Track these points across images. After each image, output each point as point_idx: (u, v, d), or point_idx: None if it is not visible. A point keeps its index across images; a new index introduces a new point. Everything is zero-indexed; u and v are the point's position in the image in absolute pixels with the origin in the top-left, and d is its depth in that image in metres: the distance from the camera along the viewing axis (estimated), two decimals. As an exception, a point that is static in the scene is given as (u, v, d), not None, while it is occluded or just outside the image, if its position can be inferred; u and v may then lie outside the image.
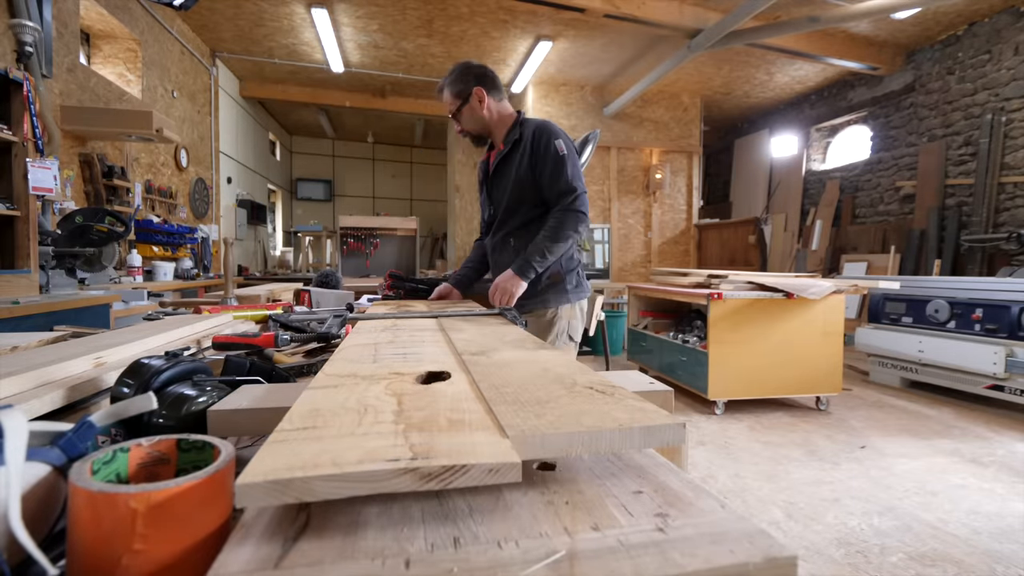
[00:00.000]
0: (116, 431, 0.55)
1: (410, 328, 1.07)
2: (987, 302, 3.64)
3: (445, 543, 0.34)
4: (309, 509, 0.37)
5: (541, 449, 0.42)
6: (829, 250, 7.13)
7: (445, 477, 0.35)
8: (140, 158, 4.78)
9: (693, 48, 5.45)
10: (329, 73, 6.88)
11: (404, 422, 0.44)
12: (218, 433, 0.56)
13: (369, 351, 0.79)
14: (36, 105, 2.96)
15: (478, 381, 0.60)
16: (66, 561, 0.34)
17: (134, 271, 3.99)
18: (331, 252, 8.75)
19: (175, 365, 0.62)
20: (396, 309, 1.42)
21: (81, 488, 0.32)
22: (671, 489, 0.42)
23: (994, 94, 5.45)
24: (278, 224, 10.28)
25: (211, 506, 0.35)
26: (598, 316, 3.65)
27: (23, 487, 0.36)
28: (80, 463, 0.36)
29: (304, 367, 0.89)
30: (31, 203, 2.83)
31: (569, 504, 0.39)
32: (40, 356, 0.81)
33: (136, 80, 4.79)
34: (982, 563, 1.81)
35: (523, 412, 0.48)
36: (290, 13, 5.42)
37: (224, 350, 0.97)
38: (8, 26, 3.15)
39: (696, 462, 2.69)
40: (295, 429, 0.43)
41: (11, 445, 0.35)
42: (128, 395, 0.58)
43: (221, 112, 6.66)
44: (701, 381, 3.54)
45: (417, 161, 11.63)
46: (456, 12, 5.36)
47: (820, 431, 3.17)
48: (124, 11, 4.51)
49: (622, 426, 0.43)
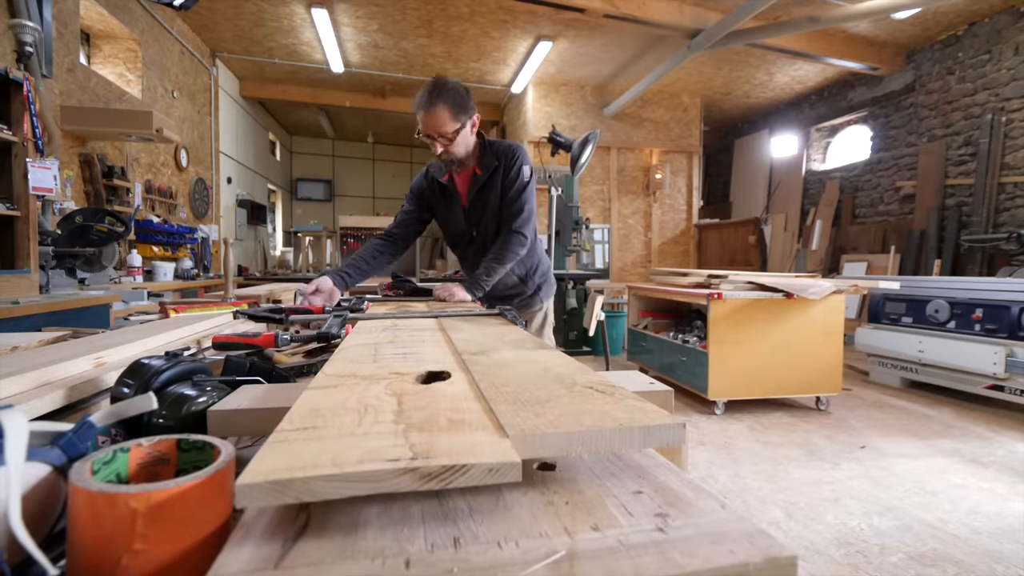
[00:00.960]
0: (116, 431, 0.55)
1: (410, 328, 1.07)
2: (987, 302, 3.64)
3: (445, 543, 0.34)
4: (309, 509, 0.37)
5: (541, 449, 0.42)
6: (829, 250, 7.13)
7: (445, 477, 0.35)
8: (140, 158, 4.79)
9: (693, 48, 5.45)
10: (329, 73, 6.89)
11: (404, 422, 0.44)
12: (218, 433, 0.56)
13: (369, 351, 0.79)
14: (36, 105, 2.96)
15: (478, 381, 0.60)
16: (66, 561, 0.34)
17: (134, 271, 3.99)
18: (331, 252, 8.74)
19: (175, 365, 0.62)
20: (396, 309, 1.42)
21: (81, 488, 0.32)
22: (671, 489, 0.42)
23: (994, 94, 5.45)
24: (278, 224, 10.28)
25: (211, 506, 0.35)
26: (598, 316, 3.65)
27: (23, 487, 0.36)
28: (80, 463, 0.36)
29: (304, 367, 0.89)
30: (31, 203, 2.83)
31: (569, 504, 0.39)
32: (40, 356, 0.81)
33: (136, 80, 4.79)
34: (982, 563, 1.81)
35: (523, 412, 0.47)
36: (290, 13, 5.42)
37: (224, 350, 0.97)
38: (8, 26, 3.15)
39: (696, 462, 2.69)
40: (295, 429, 0.43)
41: (11, 445, 0.35)
42: (128, 395, 0.58)
43: (221, 112, 6.66)
44: (701, 381, 3.53)
45: (417, 161, 11.64)
46: (456, 12, 5.36)
47: (820, 431, 3.17)
48: (124, 11, 4.51)
49: (622, 426, 0.43)
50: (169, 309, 1.62)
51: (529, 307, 2.01)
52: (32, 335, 1.15)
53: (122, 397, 0.58)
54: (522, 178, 1.80)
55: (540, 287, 2.01)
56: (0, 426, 0.36)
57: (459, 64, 6.70)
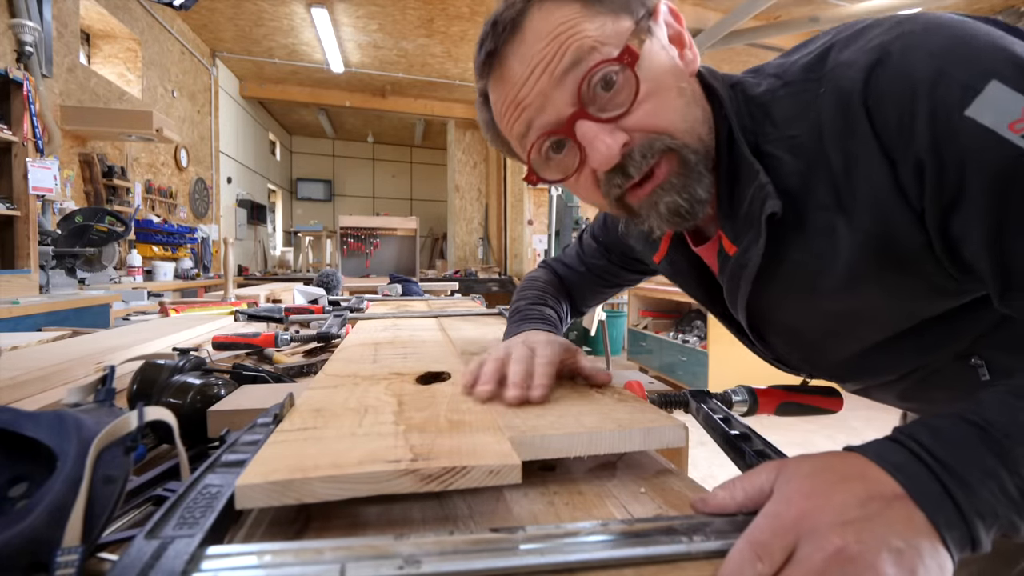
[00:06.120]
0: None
1: (410, 328, 1.07)
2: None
3: (445, 544, 0.34)
4: (309, 510, 0.37)
5: (542, 450, 0.42)
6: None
7: (446, 478, 0.35)
8: (140, 158, 4.78)
9: (693, 48, 5.45)
10: (329, 73, 6.88)
11: (404, 423, 0.44)
12: (218, 433, 0.56)
13: (369, 351, 0.79)
14: (36, 105, 2.96)
15: (478, 381, 0.60)
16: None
17: (134, 271, 3.99)
18: (331, 252, 8.74)
19: (188, 364, 0.62)
20: (396, 309, 1.42)
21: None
22: (671, 489, 0.42)
23: (994, 94, 5.44)
24: (278, 224, 10.27)
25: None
26: (598, 316, 3.65)
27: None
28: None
29: (304, 367, 0.89)
30: (31, 203, 2.83)
31: (569, 505, 0.39)
32: (41, 356, 0.81)
33: (136, 80, 4.79)
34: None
35: (523, 412, 0.47)
36: (290, 13, 5.42)
37: (224, 350, 0.97)
38: (8, 26, 3.15)
39: (696, 462, 2.69)
40: (295, 430, 0.43)
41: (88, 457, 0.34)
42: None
43: (221, 112, 6.66)
44: (701, 381, 3.53)
45: (417, 161, 11.62)
46: (456, 12, 5.35)
47: (820, 431, 3.16)
48: (124, 11, 4.50)
49: (622, 426, 0.43)
50: (169, 309, 1.62)
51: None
52: (32, 335, 1.15)
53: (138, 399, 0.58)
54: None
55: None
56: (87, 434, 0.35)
57: (459, 64, 6.70)
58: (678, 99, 0.48)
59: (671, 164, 0.48)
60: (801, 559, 0.28)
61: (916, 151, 0.39)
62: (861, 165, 0.42)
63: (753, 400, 0.63)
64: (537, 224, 6.59)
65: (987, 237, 0.38)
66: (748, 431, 0.50)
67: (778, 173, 0.47)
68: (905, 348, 0.54)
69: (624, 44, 0.45)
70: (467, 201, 8.22)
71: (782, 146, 0.47)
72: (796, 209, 0.47)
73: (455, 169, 8.25)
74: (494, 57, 0.49)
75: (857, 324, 0.54)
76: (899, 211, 0.42)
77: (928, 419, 0.35)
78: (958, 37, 0.39)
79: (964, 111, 0.36)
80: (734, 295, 0.56)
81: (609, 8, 0.47)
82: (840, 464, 0.34)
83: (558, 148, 0.50)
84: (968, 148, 0.37)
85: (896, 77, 0.39)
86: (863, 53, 0.41)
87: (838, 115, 0.42)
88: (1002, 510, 0.31)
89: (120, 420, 0.35)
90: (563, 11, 0.46)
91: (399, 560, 0.28)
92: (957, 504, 0.30)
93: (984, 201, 0.37)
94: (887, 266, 0.45)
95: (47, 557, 0.28)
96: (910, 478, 0.31)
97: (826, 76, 0.44)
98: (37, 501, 0.30)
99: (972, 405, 0.35)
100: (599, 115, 0.46)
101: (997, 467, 0.31)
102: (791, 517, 0.30)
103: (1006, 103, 0.35)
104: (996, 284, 0.40)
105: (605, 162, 0.46)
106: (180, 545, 0.28)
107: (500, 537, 0.30)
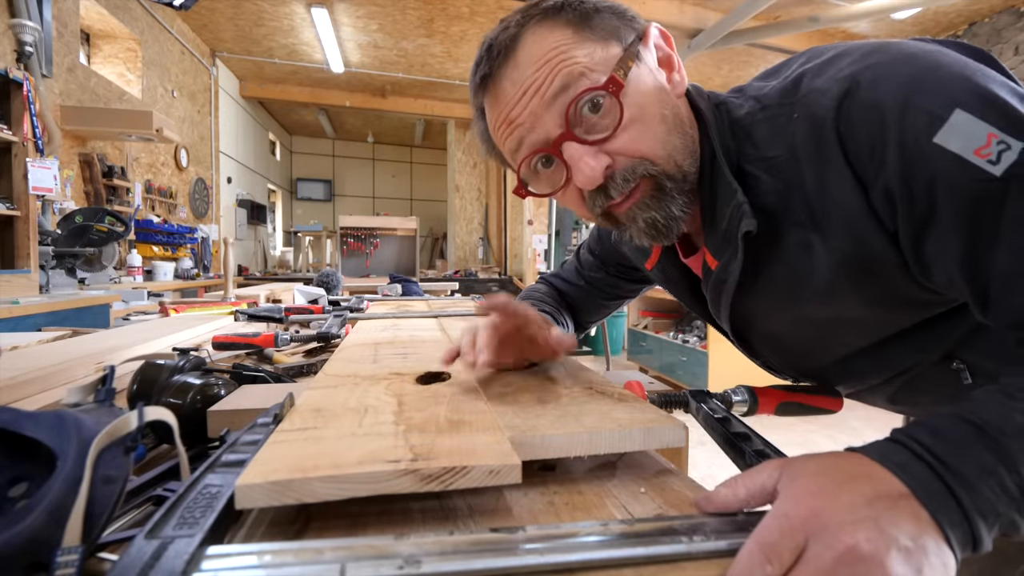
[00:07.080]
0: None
1: (410, 328, 1.07)
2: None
3: (445, 544, 0.34)
4: (309, 510, 0.37)
5: (542, 450, 0.42)
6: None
7: (446, 478, 0.35)
8: (140, 158, 4.78)
9: (693, 48, 5.45)
10: (329, 73, 6.88)
11: (404, 423, 0.44)
12: (218, 433, 0.56)
13: (369, 351, 0.79)
14: (36, 105, 2.96)
15: (478, 381, 0.60)
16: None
17: (134, 271, 3.99)
18: (331, 252, 8.74)
19: (188, 364, 0.62)
20: (396, 309, 1.42)
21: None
22: (671, 489, 0.42)
23: (994, 94, 5.44)
24: (278, 224, 10.27)
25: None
26: (598, 316, 3.65)
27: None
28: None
29: (304, 367, 0.89)
30: (31, 203, 2.83)
31: (569, 505, 0.39)
32: (41, 356, 0.81)
33: (136, 80, 4.79)
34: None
35: (523, 412, 0.47)
36: (290, 13, 5.42)
37: (224, 350, 0.97)
38: (8, 26, 3.15)
39: (696, 462, 2.69)
40: (295, 430, 0.43)
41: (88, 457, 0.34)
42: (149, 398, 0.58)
43: (221, 112, 6.66)
44: (701, 381, 3.53)
45: (417, 161, 11.62)
46: (456, 12, 5.35)
47: (820, 431, 3.16)
48: (124, 11, 4.50)
49: (622, 426, 0.43)
50: (169, 309, 1.62)
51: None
52: (32, 335, 1.15)
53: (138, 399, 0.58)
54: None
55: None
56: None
57: (459, 64, 6.70)
58: (660, 126, 0.50)
59: (647, 187, 0.51)
60: (811, 558, 0.29)
61: (888, 176, 0.42)
62: (833, 188, 0.45)
63: (753, 400, 0.63)
64: (537, 224, 6.59)
65: (961, 255, 0.41)
66: (748, 431, 0.50)
67: (757, 192, 0.50)
68: (890, 352, 0.56)
69: (610, 72, 0.48)
70: (467, 201, 8.22)
71: (761, 166, 0.50)
72: (773, 226, 0.50)
73: (455, 169, 8.25)
74: (489, 80, 0.52)
75: (840, 331, 0.57)
76: (873, 231, 0.45)
77: (927, 419, 0.36)
78: (925, 67, 0.41)
79: (932, 138, 0.39)
80: (717, 306, 0.60)
81: (600, 35, 0.50)
82: (845, 463, 0.34)
83: (547, 163, 0.53)
84: (938, 172, 0.39)
85: (866, 106, 0.42)
86: (834, 82, 0.44)
87: (810, 139, 0.45)
88: (1003, 507, 0.32)
89: (120, 420, 0.35)
90: (555, 36, 0.49)
91: (399, 560, 0.28)
92: (960, 502, 0.31)
93: (956, 223, 0.40)
94: (864, 280, 0.48)
95: (47, 557, 0.28)
96: (914, 477, 0.32)
97: (799, 102, 0.47)
98: (37, 501, 0.30)
99: (968, 405, 0.36)
100: (585, 137, 0.49)
101: (996, 465, 0.32)
102: (800, 516, 0.30)
103: (971, 130, 0.38)
104: (974, 298, 0.42)
105: (588, 183, 0.50)
106: (180, 545, 0.28)
107: (500, 537, 0.30)
